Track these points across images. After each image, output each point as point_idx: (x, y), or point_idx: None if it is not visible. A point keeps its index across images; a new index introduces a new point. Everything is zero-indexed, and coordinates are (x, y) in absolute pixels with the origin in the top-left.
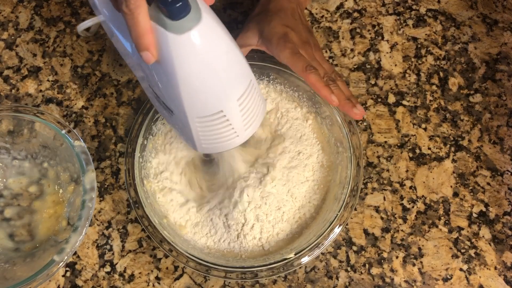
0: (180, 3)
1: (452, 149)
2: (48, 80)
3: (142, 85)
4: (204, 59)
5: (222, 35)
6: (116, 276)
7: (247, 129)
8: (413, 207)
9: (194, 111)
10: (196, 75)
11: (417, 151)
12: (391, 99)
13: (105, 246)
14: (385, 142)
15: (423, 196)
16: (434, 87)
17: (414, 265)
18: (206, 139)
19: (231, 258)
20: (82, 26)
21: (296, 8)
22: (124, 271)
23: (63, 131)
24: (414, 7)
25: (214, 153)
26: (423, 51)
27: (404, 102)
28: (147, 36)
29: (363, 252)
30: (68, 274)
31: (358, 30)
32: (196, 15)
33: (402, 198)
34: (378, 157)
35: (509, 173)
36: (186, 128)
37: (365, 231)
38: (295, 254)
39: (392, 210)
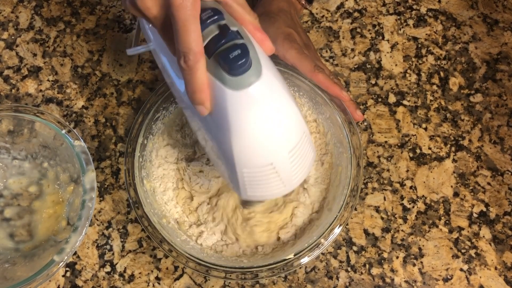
0: (243, 60)
1: (453, 149)
2: (48, 80)
3: (189, 121)
4: (260, 114)
5: (280, 90)
6: (116, 276)
7: (294, 179)
8: (413, 207)
9: (244, 163)
10: (250, 129)
11: (418, 151)
12: (392, 99)
13: (105, 246)
14: (386, 142)
15: (423, 196)
16: (434, 87)
17: (414, 265)
18: (251, 188)
19: (231, 258)
20: (132, 51)
21: (294, 13)
22: (124, 271)
23: (63, 131)
24: (414, 7)
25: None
26: (423, 51)
27: (405, 102)
28: (204, 92)
29: (363, 252)
30: (68, 274)
31: (358, 30)
32: (256, 71)
33: (402, 198)
34: (379, 157)
35: (510, 173)
36: (233, 176)
37: (365, 231)
38: (295, 255)
39: (392, 210)
